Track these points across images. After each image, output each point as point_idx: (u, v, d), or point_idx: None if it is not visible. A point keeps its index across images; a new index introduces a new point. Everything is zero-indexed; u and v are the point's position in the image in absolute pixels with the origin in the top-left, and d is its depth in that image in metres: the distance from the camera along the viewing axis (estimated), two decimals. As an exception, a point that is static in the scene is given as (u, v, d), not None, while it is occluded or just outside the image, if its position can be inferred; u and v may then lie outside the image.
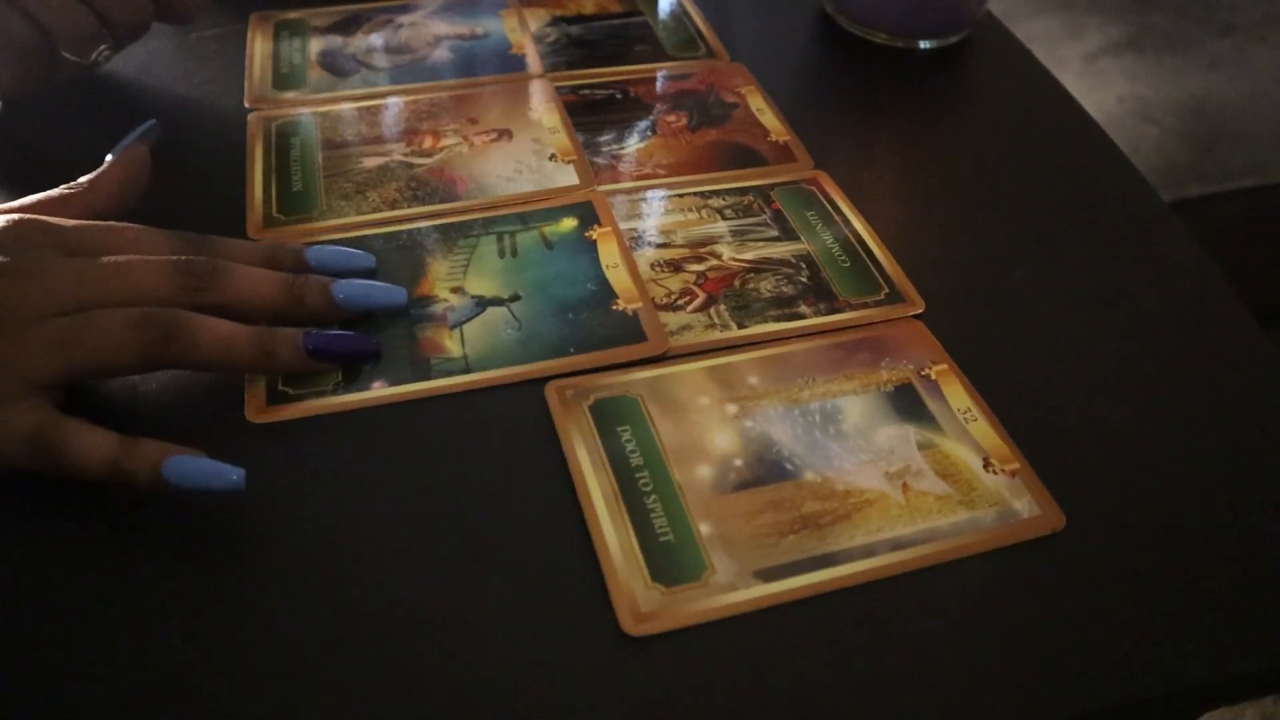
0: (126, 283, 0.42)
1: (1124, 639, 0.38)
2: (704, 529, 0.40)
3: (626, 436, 0.44)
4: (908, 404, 0.45)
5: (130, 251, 0.43)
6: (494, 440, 0.44)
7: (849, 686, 0.36)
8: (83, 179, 0.48)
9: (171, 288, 0.42)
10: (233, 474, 0.39)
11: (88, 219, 0.45)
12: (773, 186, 0.56)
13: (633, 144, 0.59)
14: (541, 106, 0.61)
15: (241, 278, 0.44)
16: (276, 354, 0.43)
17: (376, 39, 0.66)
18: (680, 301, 0.49)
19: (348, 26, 0.67)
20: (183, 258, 0.43)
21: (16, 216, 0.43)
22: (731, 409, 0.45)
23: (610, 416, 0.44)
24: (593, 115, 0.61)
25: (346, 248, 0.49)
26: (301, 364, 0.44)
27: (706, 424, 0.44)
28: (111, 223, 0.45)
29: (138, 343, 0.41)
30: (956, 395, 0.46)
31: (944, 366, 0.47)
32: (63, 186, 0.47)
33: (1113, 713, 0.36)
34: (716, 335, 0.48)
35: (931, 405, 0.45)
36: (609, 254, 0.51)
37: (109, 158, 0.49)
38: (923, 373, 0.47)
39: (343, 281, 0.46)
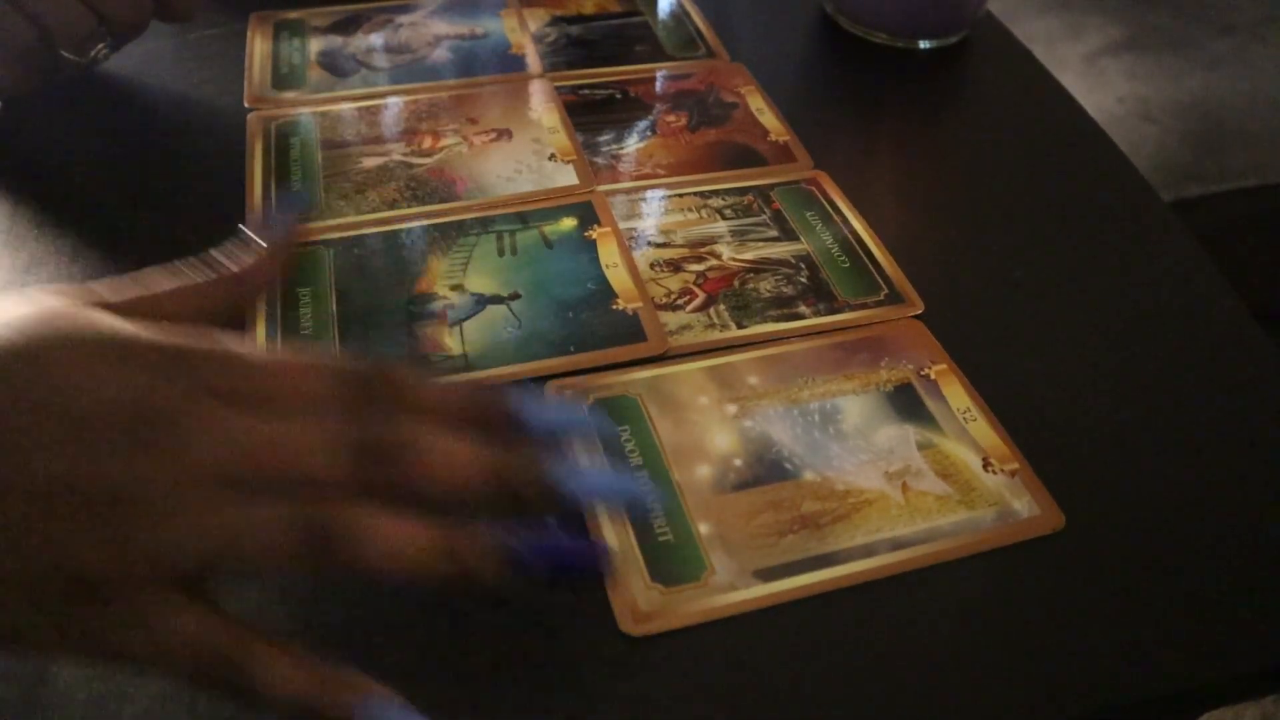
0: (293, 463, 0.34)
1: (1123, 639, 0.38)
2: (703, 529, 0.40)
3: (626, 436, 0.44)
4: (907, 404, 0.45)
5: (297, 400, 0.36)
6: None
7: (848, 686, 0.36)
8: (227, 262, 0.41)
9: (347, 473, 0.34)
10: None
11: (230, 312, 0.40)
12: (772, 186, 0.56)
13: (632, 144, 0.59)
14: (541, 106, 0.61)
15: (433, 457, 0.35)
16: (468, 563, 0.34)
17: (376, 39, 0.66)
18: (680, 301, 0.49)
19: (347, 26, 0.67)
20: (363, 433, 0.35)
21: (165, 342, 0.35)
22: (731, 409, 0.45)
23: (610, 416, 0.44)
24: (592, 115, 0.61)
25: (561, 400, 0.40)
26: (497, 574, 0.34)
27: (706, 424, 0.44)
28: (273, 356, 0.37)
29: (295, 549, 0.33)
30: (956, 395, 0.46)
31: (944, 366, 0.47)
32: (200, 268, 0.40)
33: (1113, 712, 0.36)
34: (716, 335, 0.48)
35: (931, 405, 0.45)
36: (609, 253, 0.51)
37: (250, 234, 0.42)
38: (922, 373, 0.47)
39: (567, 470, 0.36)
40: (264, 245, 0.41)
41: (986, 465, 0.43)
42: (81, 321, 0.35)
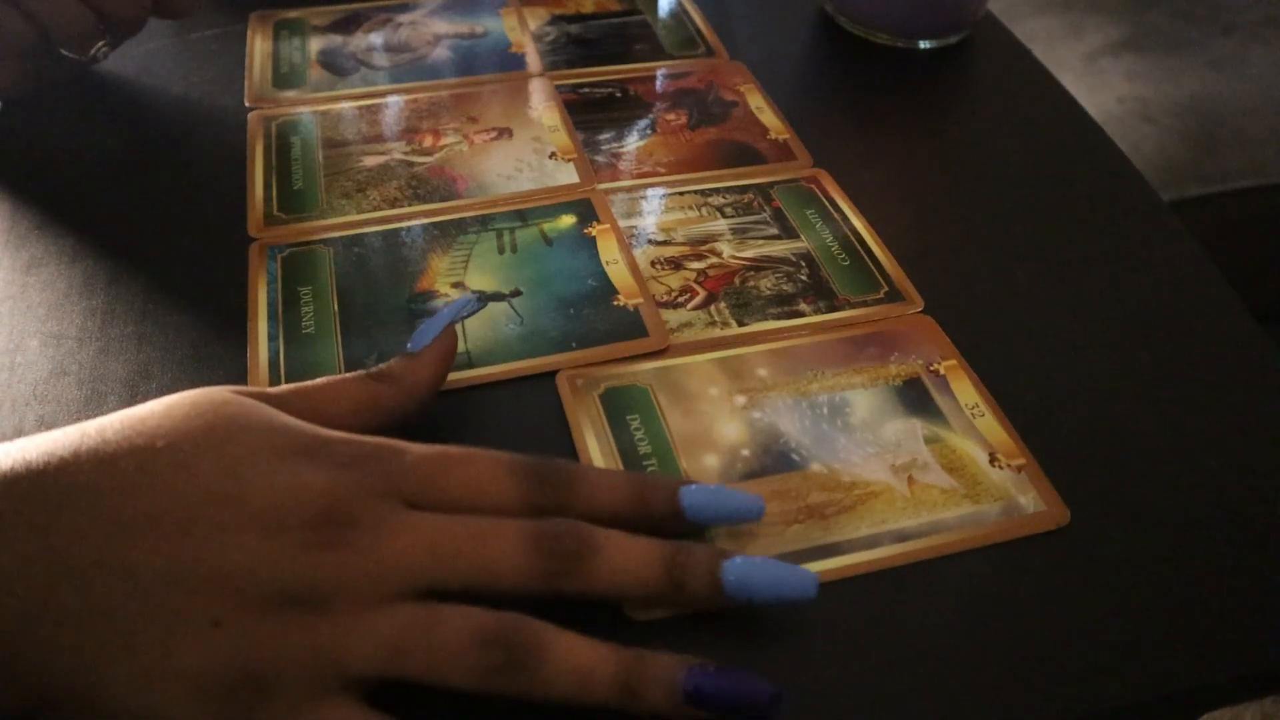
0: (479, 559, 0.34)
1: (1124, 638, 0.38)
2: (710, 517, 0.40)
3: (635, 425, 0.44)
4: (916, 398, 0.45)
5: (474, 494, 0.36)
6: (499, 433, 0.43)
7: (849, 676, 0.36)
8: (385, 367, 0.41)
9: (529, 570, 0.34)
10: None
11: (387, 415, 0.40)
12: (772, 185, 0.56)
13: (632, 142, 0.59)
14: (541, 105, 0.61)
15: (611, 557, 0.35)
16: (644, 696, 0.33)
17: (376, 38, 0.66)
18: (681, 299, 0.49)
19: (347, 25, 0.67)
20: (544, 528, 0.35)
21: (346, 441, 0.36)
22: (740, 400, 0.45)
23: (620, 405, 0.44)
24: (592, 113, 0.61)
25: (727, 488, 0.39)
26: (674, 710, 0.34)
27: (715, 414, 0.44)
28: (447, 451, 0.37)
29: (480, 665, 0.33)
30: (965, 391, 0.46)
31: (953, 362, 0.47)
32: (363, 375, 0.40)
33: (1113, 712, 0.36)
34: (717, 333, 0.48)
35: (939, 400, 0.45)
36: (608, 250, 0.51)
37: (412, 346, 0.42)
38: (931, 368, 0.47)
39: (736, 563, 0.36)
40: (423, 352, 0.41)
41: (993, 460, 0.43)
42: (256, 416, 0.35)
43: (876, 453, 0.43)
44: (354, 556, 0.33)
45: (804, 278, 0.51)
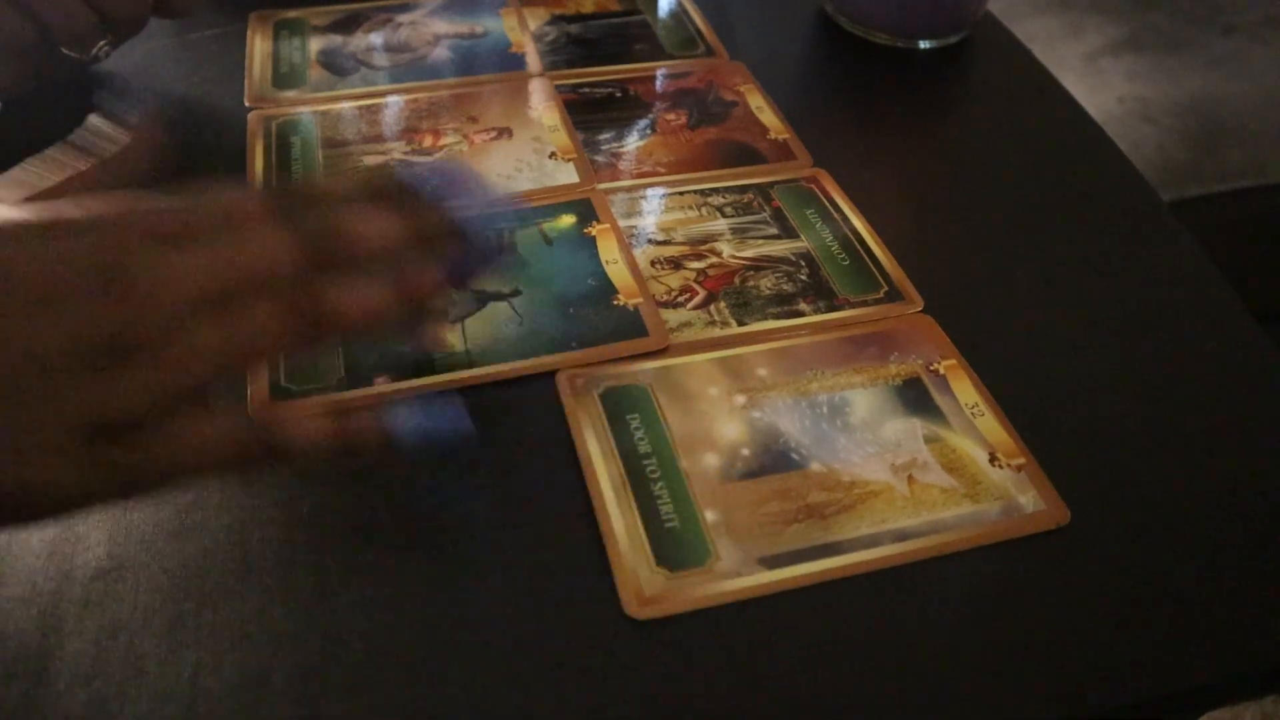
0: (256, 269, 0.36)
1: (1124, 637, 0.38)
2: (710, 516, 0.40)
3: (635, 424, 0.44)
4: (915, 398, 0.45)
5: (232, 221, 0.37)
6: (500, 430, 0.44)
7: (849, 673, 0.36)
8: (97, 155, 0.44)
9: (303, 263, 0.36)
10: None
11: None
12: (772, 184, 0.56)
13: (632, 142, 0.59)
14: (541, 105, 0.61)
15: (365, 229, 0.38)
16: (425, 298, 0.38)
17: (376, 38, 0.66)
18: (680, 299, 0.49)
19: (347, 25, 0.67)
20: (303, 228, 0.37)
21: (87, 211, 0.36)
22: (740, 400, 0.45)
23: (620, 405, 0.44)
24: (592, 113, 0.61)
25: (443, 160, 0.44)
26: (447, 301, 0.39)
27: (715, 414, 0.44)
28: (189, 195, 0.38)
29: (293, 333, 0.36)
30: (965, 390, 0.46)
31: (953, 362, 0.47)
32: (78, 163, 0.43)
33: (1113, 712, 0.36)
34: (717, 333, 0.48)
35: (939, 400, 0.45)
36: (608, 250, 0.51)
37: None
38: (931, 367, 0.47)
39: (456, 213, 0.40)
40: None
41: (993, 459, 0.43)
42: None
43: (876, 452, 0.43)
44: (143, 298, 0.34)
45: (804, 277, 0.51)
